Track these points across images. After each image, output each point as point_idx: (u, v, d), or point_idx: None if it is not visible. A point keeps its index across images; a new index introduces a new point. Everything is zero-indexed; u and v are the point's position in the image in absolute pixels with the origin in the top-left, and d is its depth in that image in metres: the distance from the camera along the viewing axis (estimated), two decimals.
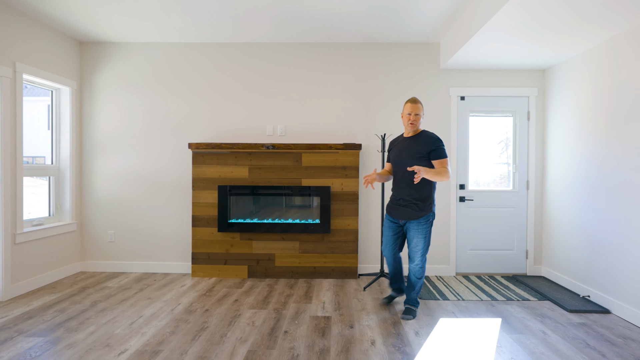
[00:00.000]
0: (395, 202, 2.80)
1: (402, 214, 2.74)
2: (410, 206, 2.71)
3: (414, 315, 2.79)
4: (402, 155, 2.74)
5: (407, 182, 2.69)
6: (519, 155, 4.04)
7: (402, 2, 3.01)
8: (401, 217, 2.76)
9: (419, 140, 2.72)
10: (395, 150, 2.84)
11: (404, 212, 2.73)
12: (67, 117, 3.82)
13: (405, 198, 2.72)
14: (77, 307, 2.93)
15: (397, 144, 2.86)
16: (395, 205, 2.80)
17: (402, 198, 2.74)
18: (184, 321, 2.70)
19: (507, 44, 3.21)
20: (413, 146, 2.72)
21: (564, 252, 3.62)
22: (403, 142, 2.81)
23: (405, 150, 2.74)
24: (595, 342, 2.44)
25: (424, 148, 2.68)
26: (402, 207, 2.74)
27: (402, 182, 2.73)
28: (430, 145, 2.67)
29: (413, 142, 2.74)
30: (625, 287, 2.85)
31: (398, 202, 2.77)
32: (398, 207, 2.77)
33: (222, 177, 3.81)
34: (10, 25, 3.15)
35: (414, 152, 2.69)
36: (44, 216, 3.70)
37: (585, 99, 3.33)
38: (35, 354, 2.20)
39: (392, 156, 2.85)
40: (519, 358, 2.22)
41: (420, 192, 2.69)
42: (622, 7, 2.42)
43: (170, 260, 3.98)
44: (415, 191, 2.69)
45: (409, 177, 2.68)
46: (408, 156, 2.70)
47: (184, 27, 3.55)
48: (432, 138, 2.71)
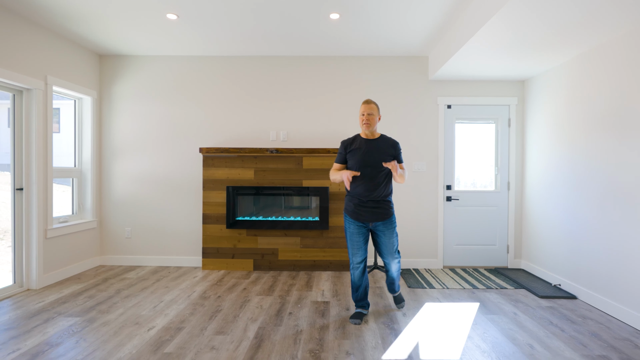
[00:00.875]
0: (361, 205, 2.72)
1: (372, 216, 2.71)
2: (381, 207, 2.72)
3: (403, 299, 3.10)
4: (371, 157, 2.70)
5: (379, 183, 2.69)
6: (501, 159, 4.43)
7: (394, 22, 3.40)
8: (372, 219, 2.72)
9: (385, 144, 2.76)
10: (357, 153, 2.73)
11: (375, 214, 2.71)
12: (88, 124, 4.18)
13: (376, 199, 2.71)
14: (104, 294, 3.30)
15: (357, 147, 2.76)
16: (362, 208, 2.72)
17: (372, 200, 2.70)
18: (200, 305, 3.06)
19: (489, 58, 3.57)
20: (381, 148, 2.73)
21: (540, 246, 4.01)
22: (366, 145, 2.74)
23: (374, 152, 2.71)
24: (557, 321, 2.82)
25: (389, 151, 2.74)
26: (371, 209, 2.71)
27: (372, 183, 2.69)
28: (395, 149, 2.77)
29: (379, 144, 2.75)
30: (590, 276, 3.24)
31: (365, 204, 2.72)
32: (366, 209, 2.72)
33: (230, 178, 4.18)
34: (42, 42, 3.52)
35: (382, 154, 2.71)
36: (68, 214, 4.06)
37: (559, 107, 3.73)
38: (76, 329, 2.56)
39: (358, 158, 2.71)
40: (490, 332, 2.61)
41: (388, 191, 2.75)
42: (590, 27, 2.79)
43: (182, 255, 4.35)
44: (385, 191, 2.73)
45: (380, 177, 2.70)
46: (379, 158, 2.70)
47: (194, 42, 3.92)
48: (395, 142, 2.80)
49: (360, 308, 2.87)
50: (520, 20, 2.67)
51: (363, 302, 2.88)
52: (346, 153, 2.79)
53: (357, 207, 2.73)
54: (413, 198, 4.35)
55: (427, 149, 4.36)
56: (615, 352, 2.36)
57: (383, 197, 2.72)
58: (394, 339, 2.50)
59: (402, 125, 4.35)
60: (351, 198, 2.77)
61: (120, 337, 2.46)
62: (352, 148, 2.76)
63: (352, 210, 2.75)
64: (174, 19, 3.32)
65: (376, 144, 2.74)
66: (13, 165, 3.36)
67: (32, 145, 3.38)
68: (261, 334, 2.55)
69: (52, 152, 3.61)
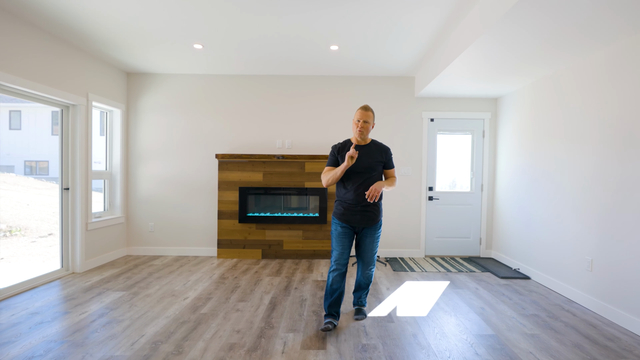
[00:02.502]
0: (350, 209, 2.70)
1: (361, 220, 2.70)
2: (370, 211, 2.71)
3: (365, 314, 2.95)
4: (360, 163, 2.69)
5: (368, 186, 2.68)
6: (476, 165, 5.15)
7: (384, 52, 4.11)
8: (360, 223, 2.71)
9: (375, 149, 2.78)
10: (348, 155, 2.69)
11: (363, 218, 2.70)
12: (118, 133, 4.84)
13: (366, 204, 2.69)
14: (139, 276, 3.95)
15: (346, 150, 2.77)
16: (351, 211, 2.70)
17: (362, 204, 2.69)
18: (221, 283, 3.73)
19: (465, 80, 4.20)
20: (371, 154, 2.74)
21: (506, 238, 4.72)
22: (359, 150, 2.75)
23: (363, 158, 2.70)
24: (508, 293, 3.53)
25: (382, 157, 2.76)
26: (360, 213, 2.70)
27: (363, 188, 2.67)
28: (386, 154, 2.79)
29: (369, 150, 2.76)
30: (539, 260, 3.96)
31: (355, 208, 2.70)
32: (356, 213, 2.70)
33: (242, 180, 4.85)
34: (84, 64, 4.18)
35: (373, 160, 2.72)
36: (101, 211, 4.70)
37: (522, 122, 4.46)
38: (126, 299, 3.22)
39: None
40: (453, 300, 3.30)
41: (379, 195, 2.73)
42: (543, 60, 3.46)
43: (199, 246, 5.01)
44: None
45: (369, 182, 2.69)
46: (370, 163, 2.71)
47: (212, 63, 4.60)
48: (386, 148, 2.81)
49: (330, 317, 2.73)
50: (490, 50, 3.21)
51: (335, 310, 2.75)
52: (337, 156, 2.79)
53: (346, 211, 2.71)
54: (400, 197, 5.05)
55: (412, 155, 5.07)
56: (545, 312, 3.06)
57: (373, 202, 2.66)
58: (378, 304, 3.19)
59: (392, 135, 5.05)
60: (341, 202, 2.75)
61: (163, 304, 3.12)
62: (343, 153, 2.77)
63: (341, 213, 2.73)
64: (199, 48, 4.01)
65: (367, 150, 2.75)
66: (61, 169, 4.01)
67: (77, 152, 4.03)
68: (274, 301, 3.22)
69: (92, 158, 4.26)
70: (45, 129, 14.86)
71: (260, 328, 2.70)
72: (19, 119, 14.17)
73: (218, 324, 2.74)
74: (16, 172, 13.73)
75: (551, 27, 2.66)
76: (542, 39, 2.89)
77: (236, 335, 2.57)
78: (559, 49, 3.13)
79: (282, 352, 2.35)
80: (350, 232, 2.76)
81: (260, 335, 2.59)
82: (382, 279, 3.98)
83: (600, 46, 3.03)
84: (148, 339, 2.48)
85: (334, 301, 2.74)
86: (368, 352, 2.38)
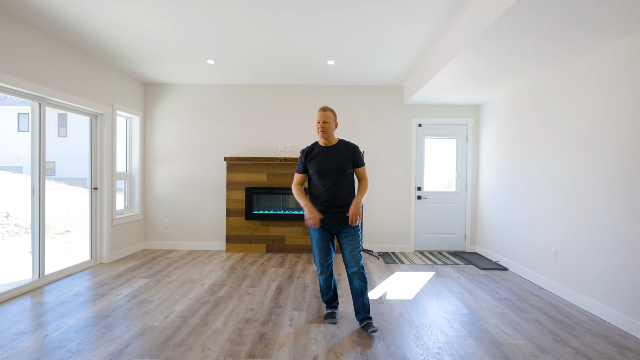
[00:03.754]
0: (324, 212, 2.71)
1: (336, 221, 2.71)
2: (344, 212, 2.71)
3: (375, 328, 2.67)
4: (329, 164, 2.70)
5: (340, 188, 2.70)
6: (460, 166, 5.65)
7: (376, 65, 4.60)
8: (336, 225, 2.72)
9: (342, 149, 2.75)
10: (317, 160, 2.75)
11: (338, 219, 2.71)
12: (136, 138, 5.32)
13: (337, 205, 2.70)
14: (158, 266, 4.43)
15: (316, 154, 2.77)
16: (325, 214, 2.71)
17: (334, 205, 2.70)
18: (232, 272, 4.22)
19: (449, 89, 4.67)
20: (338, 155, 2.72)
21: (488, 234, 5.22)
22: (325, 151, 2.75)
23: (332, 159, 2.71)
24: (486, 281, 4.03)
25: (349, 156, 2.73)
26: (335, 215, 2.70)
27: (333, 189, 2.69)
28: (353, 153, 2.74)
29: (337, 150, 2.75)
30: (516, 253, 4.46)
31: (328, 210, 2.71)
32: (330, 216, 2.70)
33: (248, 181, 5.34)
34: (109, 77, 4.65)
35: (342, 160, 2.70)
36: (121, 209, 5.18)
37: (500, 127, 4.96)
38: (152, 285, 3.70)
39: (316, 166, 2.74)
40: (437, 287, 3.80)
41: (349, 196, 2.75)
42: (517, 73, 3.99)
43: (209, 241, 5.49)
44: (348, 197, 2.74)
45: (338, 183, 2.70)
46: (336, 164, 2.70)
47: (222, 75, 5.08)
48: (354, 147, 2.77)
49: (331, 308, 3.00)
50: (471, 63, 3.60)
51: (334, 303, 3.00)
52: (306, 162, 2.79)
53: (321, 212, 2.72)
54: (391, 197, 5.55)
55: (402, 158, 5.56)
56: (516, 296, 3.56)
57: (346, 201, 2.72)
58: (370, 290, 3.68)
59: (383, 139, 5.55)
60: (315, 205, 2.75)
61: (185, 288, 3.61)
62: (311, 156, 2.77)
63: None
64: (212, 63, 4.49)
65: (335, 150, 2.74)
66: (90, 171, 4.49)
67: (104, 156, 4.51)
68: (280, 287, 3.72)
69: (116, 161, 4.74)
70: (52, 131, 15.31)
71: (269, 307, 3.19)
72: (27, 121, 14.63)
73: (234, 304, 3.23)
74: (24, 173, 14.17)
75: (524, 44, 3.08)
76: (516, 54, 3.33)
77: (250, 312, 3.07)
78: (532, 63, 3.57)
79: (289, 325, 2.84)
80: (327, 235, 2.77)
81: (270, 312, 3.08)
82: (375, 270, 4.47)
83: (569, 61, 3.48)
84: (177, 314, 2.97)
85: (330, 297, 2.98)
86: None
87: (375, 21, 3.28)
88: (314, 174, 2.76)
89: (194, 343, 2.50)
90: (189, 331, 2.68)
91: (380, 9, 3.03)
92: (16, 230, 6.70)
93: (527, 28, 2.73)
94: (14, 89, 3.27)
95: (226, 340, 2.55)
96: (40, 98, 3.59)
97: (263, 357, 2.33)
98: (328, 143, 2.79)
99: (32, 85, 3.40)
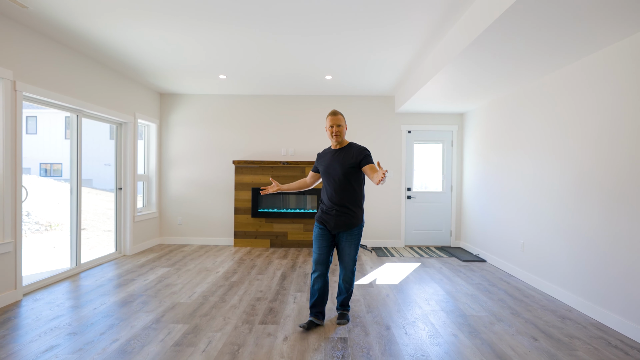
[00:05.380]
0: (327, 212, 2.78)
1: (336, 224, 2.74)
2: (344, 215, 2.73)
3: (349, 319, 2.92)
4: (333, 166, 2.76)
5: (341, 190, 2.73)
6: (446, 169, 6.23)
7: (369, 78, 5.18)
8: (335, 227, 2.75)
9: (348, 152, 2.78)
10: (324, 162, 2.85)
11: (338, 222, 2.73)
12: (153, 143, 5.89)
13: (339, 207, 2.73)
14: (176, 258, 5.00)
15: (325, 156, 2.88)
16: (327, 215, 2.77)
17: (336, 207, 2.74)
18: (242, 263, 4.79)
19: (436, 99, 5.21)
20: (343, 157, 2.76)
21: (470, 230, 5.80)
22: (332, 154, 2.83)
23: (336, 161, 2.76)
24: (464, 271, 4.61)
25: (354, 159, 2.73)
26: (335, 217, 2.73)
27: (335, 191, 2.74)
28: (359, 155, 2.74)
29: (342, 153, 2.79)
30: (492, 246, 5.04)
31: (330, 211, 2.76)
32: (331, 217, 2.75)
33: (253, 182, 5.91)
34: (132, 90, 5.23)
35: (345, 163, 2.73)
36: (140, 207, 5.75)
37: (480, 134, 5.55)
38: (172, 272, 4.27)
39: (323, 168, 2.85)
40: (420, 274, 4.38)
41: (353, 200, 2.75)
42: (496, 85, 4.56)
43: (219, 237, 6.06)
44: (350, 199, 2.74)
45: (341, 186, 2.73)
46: (339, 167, 2.73)
47: (231, 86, 5.66)
48: (360, 148, 2.77)
49: (313, 317, 2.83)
50: (453, 77, 4.05)
51: (318, 309, 2.85)
52: (317, 163, 2.95)
53: (323, 214, 2.81)
54: (383, 197, 6.12)
55: (393, 161, 6.14)
56: (488, 282, 4.14)
57: (348, 204, 2.73)
58: (362, 277, 4.26)
59: (376, 145, 6.13)
60: (320, 205, 2.86)
61: (202, 275, 4.18)
62: (320, 159, 2.92)
63: (319, 215, 2.83)
64: (223, 78, 5.07)
65: (342, 152, 2.80)
66: (115, 173, 5.06)
67: (128, 160, 5.09)
68: (284, 274, 4.29)
69: (137, 164, 5.32)
70: (59, 134, 15.86)
71: (276, 289, 3.76)
72: (35, 124, 15.15)
73: (246, 287, 3.81)
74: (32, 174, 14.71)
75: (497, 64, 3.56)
76: (489, 71, 3.81)
77: (260, 293, 3.64)
78: (506, 79, 4.08)
79: (293, 302, 3.41)
80: (328, 234, 2.79)
81: (277, 293, 3.65)
82: (368, 261, 5.05)
83: (538, 76, 3.99)
84: (199, 294, 3.54)
85: (316, 301, 2.83)
86: (353, 303, 3.44)
87: (367, 42, 3.85)
88: (322, 175, 2.86)
89: (216, 314, 3.07)
90: (211, 306, 3.25)
91: (371, 32, 3.59)
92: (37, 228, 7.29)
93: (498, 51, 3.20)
94: (59, 103, 3.84)
95: (242, 312, 3.12)
96: (78, 110, 4.17)
97: (273, 324, 2.90)
98: (339, 145, 2.86)
99: (72, 99, 3.98)
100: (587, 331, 2.87)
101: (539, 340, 2.70)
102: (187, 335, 2.68)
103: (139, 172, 5.75)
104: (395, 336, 2.74)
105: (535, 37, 2.87)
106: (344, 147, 2.84)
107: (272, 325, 2.87)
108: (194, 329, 2.78)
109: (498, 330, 2.87)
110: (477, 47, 3.14)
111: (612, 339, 2.73)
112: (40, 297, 3.41)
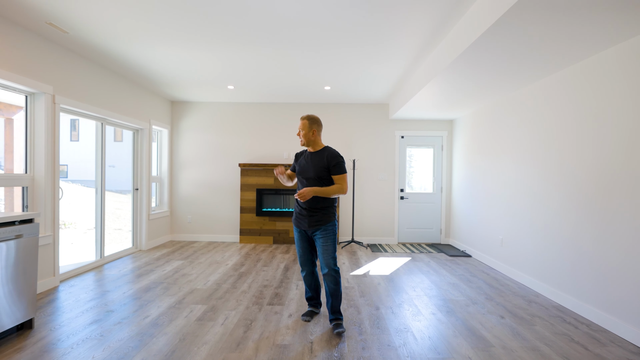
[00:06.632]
0: (300, 213, 2.87)
1: (308, 223, 2.83)
2: (315, 214, 2.81)
3: (344, 328, 2.81)
4: (306, 168, 2.85)
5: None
6: (436, 171, 6.71)
7: (365, 88, 5.67)
8: (308, 227, 2.83)
9: (321, 156, 2.83)
10: (300, 163, 2.94)
11: (310, 221, 2.81)
12: (165, 147, 6.37)
13: (311, 208, 2.81)
14: (187, 252, 5.47)
15: (301, 157, 2.96)
16: (301, 216, 2.87)
17: (307, 208, 2.82)
18: (248, 257, 5.26)
19: (427, 107, 5.72)
20: (316, 160, 2.83)
21: (458, 228, 6.29)
22: (307, 156, 2.91)
23: (309, 164, 2.84)
24: (450, 264, 5.09)
25: (325, 163, 2.79)
26: (307, 217, 2.82)
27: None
28: (331, 160, 2.78)
29: (316, 156, 2.85)
30: (477, 242, 5.52)
31: (302, 212, 2.85)
32: (303, 218, 2.85)
33: (258, 183, 6.39)
34: (148, 99, 5.71)
35: (317, 166, 2.80)
36: (154, 206, 6.22)
37: (467, 139, 6.04)
38: (186, 264, 4.75)
39: (298, 169, 2.94)
40: (410, 267, 4.86)
41: (324, 200, 2.83)
42: (477, 97, 5.08)
43: (225, 234, 6.54)
44: (320, 200, 2.81)
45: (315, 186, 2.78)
46: (311, 169, 2.81)
47: (237, 95, 6.14)
48: (333, 154, 2.81)
49: (312, 307, 3.16)
50: (442, 87, 4.47)
51: (315, 300, 3.15)
52: (295, 163, 3.03)
53: (297, 215, 2.91)
54: (378, 197, 6.61)
55: (387, 165, 6.63)
56: (470, 274, 4.62)
57: (318, 206, 2.82)
58: (357, 269, 4.74)
59: (371, 149, 6.62)
60: (295, 206, 2.94)
61: (213, 267, 4.66)
62: (297, 159, 3.01)
63: (294, 218, 2.94)
64: (231, 88, 5.56)
65: (314, 157, 2.86)
66: (133, 174, 5.54)
67: (144, 162, 5.56)
68: (287, 266, 4.77)
69: (152, 166, 5.79)
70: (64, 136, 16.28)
71: (280, 279, 4.24)
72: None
73: (253, 277, 4.28)
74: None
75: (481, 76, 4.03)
76: (474, 83, 4.25)
77: (266, 281, 4.12)
78: (489, 89, 4.55)
79: (296, 288, 3.89)
80: (305, 236, 2.93)
81: (281, 281, 4.13)
82: (363, 256, 5.53)
83: (519, 87, 4.46)
84: (212, 282, 4.02)
85: (311, 295, 3.14)
86: (348, 290, 3.92)
87: (363, 57, 4.34)
88: (297, 176, 2.97)
89: (229, 297, 3.55)
90: (224, 291, 3.73)
91: (366, 48, 4.07)
92: None
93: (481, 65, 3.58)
94: (88, 113, 4.32)
95: (252, 296, 3.60)
96: (103, 119, 4.65)
97: (279, 305, 3.38)
98: (312, 149, 2.91)
99: (99, 109, 4.46)
100: (548, 311, 3.35)
101: (505, 318, 3.19)
102: (207, 312, 3.16)
103: (153, 174, 6.22)
104: (383, 314, 3.22)
105: (515, 53, 3.24)
106: (318, 151, 2.89)
107: (278, 306, 3.35)
108: (212, 309, 3.26)
109: (472, 310, 3.36)
110: (463, 62, 3.51)
111: (568, 317, 3.22)
112: (74, 283, 3.88)
